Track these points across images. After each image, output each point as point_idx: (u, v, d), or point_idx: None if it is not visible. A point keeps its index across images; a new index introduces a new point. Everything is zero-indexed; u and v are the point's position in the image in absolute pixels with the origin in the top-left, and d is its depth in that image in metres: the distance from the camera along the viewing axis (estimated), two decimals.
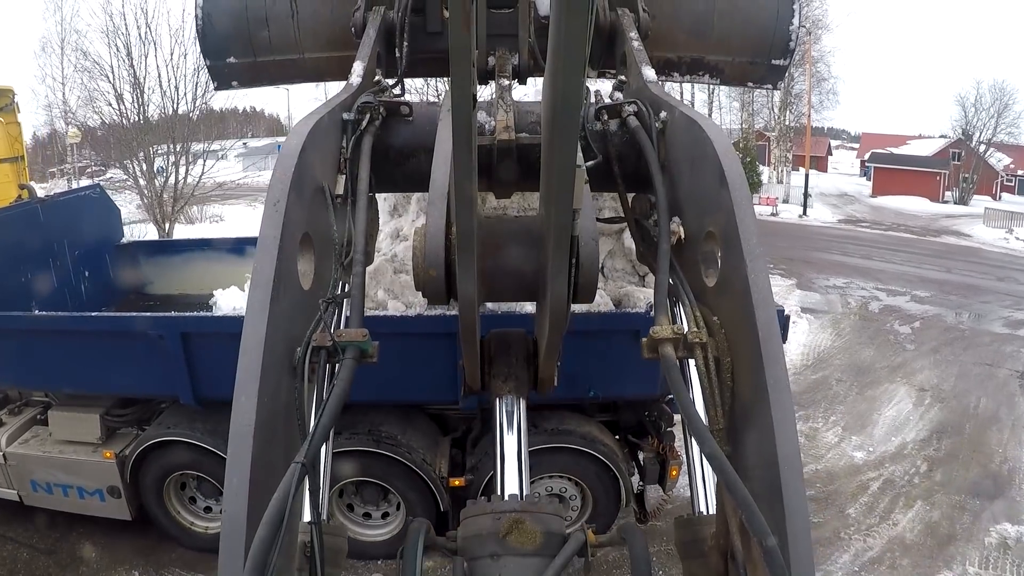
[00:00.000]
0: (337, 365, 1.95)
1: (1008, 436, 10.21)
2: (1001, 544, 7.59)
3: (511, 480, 2.86)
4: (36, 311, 6.74)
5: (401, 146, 2.82)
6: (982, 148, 50.92)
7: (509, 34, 3.45)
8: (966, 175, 50.11)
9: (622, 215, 2.90)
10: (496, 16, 3.42)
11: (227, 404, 1.60)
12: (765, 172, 44.50)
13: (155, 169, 21.75)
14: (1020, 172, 55.19)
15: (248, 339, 1.71)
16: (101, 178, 24.56)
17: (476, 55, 1.65)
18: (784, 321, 5.46)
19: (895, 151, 56.14)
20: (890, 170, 52.19)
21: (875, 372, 12.54)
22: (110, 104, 21.29)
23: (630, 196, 2.81)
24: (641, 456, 6.37)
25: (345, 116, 2.60)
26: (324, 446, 1.99)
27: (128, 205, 23.58)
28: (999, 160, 53.71)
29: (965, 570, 7.16)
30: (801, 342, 13.90)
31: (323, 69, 4.22)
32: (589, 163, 2.58)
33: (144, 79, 21.07)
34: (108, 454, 6.51)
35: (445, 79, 4.61)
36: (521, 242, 2.51)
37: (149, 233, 22.42)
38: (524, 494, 2.82)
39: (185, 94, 21.34)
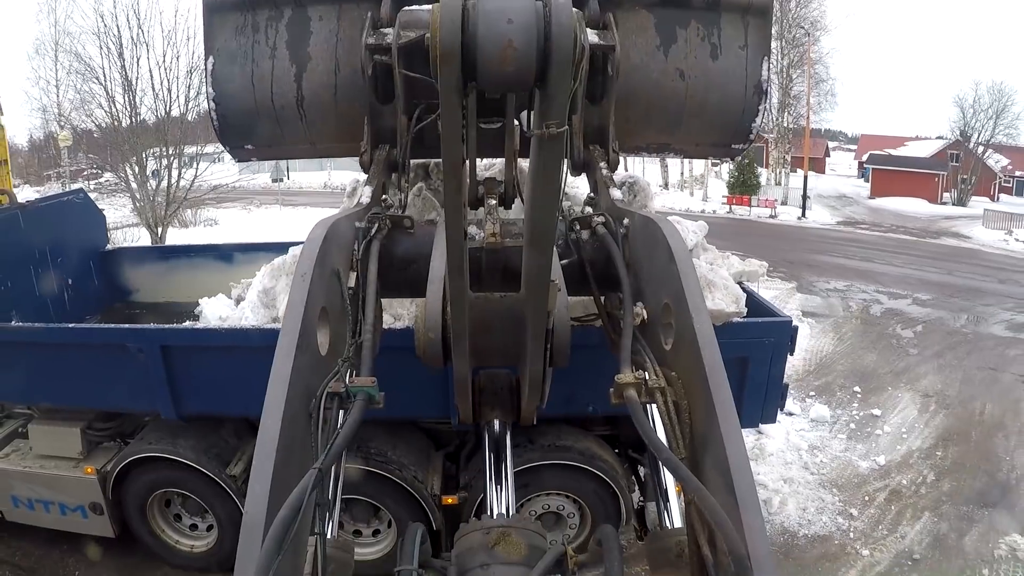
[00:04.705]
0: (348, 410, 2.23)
1: (1015, 443, 10.03)
2: (1011, 556, 7.39)
3: (500, 500, 3.27)
4: (15, 321, 6.50)
5: (403, 255, 3.32)
6: (980, 149, 50.85)
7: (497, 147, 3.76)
8: (964, 176, 50.08)
9: (595, 312, 3.46)
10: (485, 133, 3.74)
11: (211, 420, 1.69)
12: (763, 174, 44.33)
13: (149, 172, 21.50)
14: (1018, 173, 55.34)
15: (276, 372, 1.98)
16: (97, 181, 24.31)
17: (467, 164, 2.16)
18: (793, 332, 5.26)
19: (893, 153, 56.17)
20: (888, 172, 52.27)
21: (879, 378, 12.35)
22: (101, 107, 21.09)
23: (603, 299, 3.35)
24: (642, 471, 6.14)
25: (357, 224, 3.06)
26: (335, 472, 2.39)
27: (122, 209, 23.37)
28: (997, 161, 53.77)
29: None
30: (803, 347, 13.61)
31: (334, 152, 4.70)
32: (564, 261, 3.19)
33: (136, 81, 20.88)
34: (89, 470, 6.27)
35: None
36: (505, 317, 2.88)
37: (142, 237, 22.20)
38: (511, 512, 3.20)
39: (177, 96, 21.16)
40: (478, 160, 4.69)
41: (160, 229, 21.10)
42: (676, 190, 44.31)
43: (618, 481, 5.77)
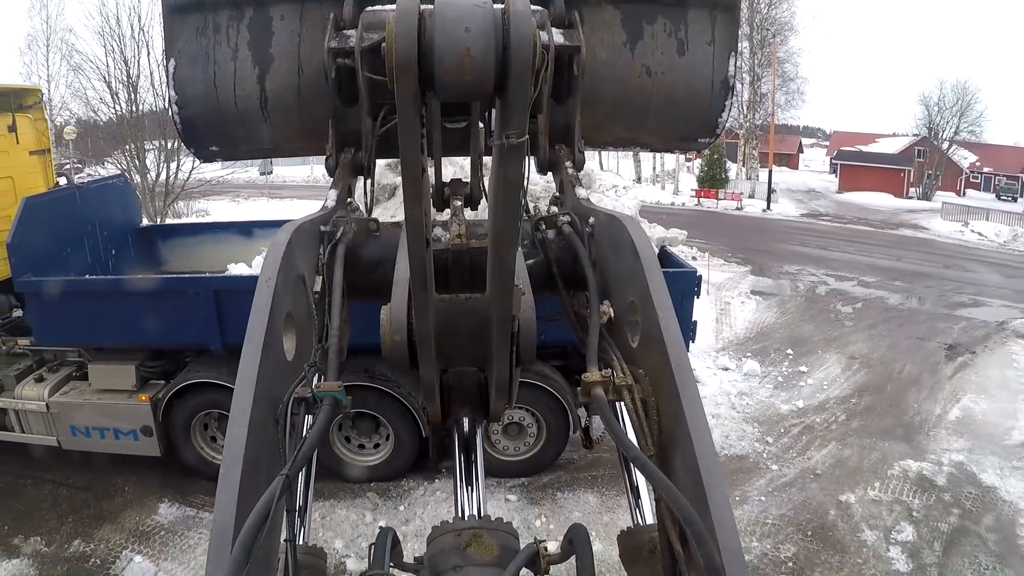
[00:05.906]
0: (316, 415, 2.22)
1: (925, 395, 11.50)
2: (902, 475, 8.82)
3: (471, 501, 3.31)
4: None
5: (368, 258, 3.27)
6: (945, 146, 52.91)
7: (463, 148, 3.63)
8: (930, 172, 51.99)
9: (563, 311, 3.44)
10: (451, 132, 3.54)
11: None
12: (733, 169, 46.07)
13: (147, 164, 22.91)
14: (986, 169, 57.16)
15: (242, 379, 1.98)
16: (79, 176, 25.53)
17: (429, 161, 2.19)
18: (697, 281, 6.86)
19: (864, 149, 57.87)
20: (856, 167, 53.92)
21: (812, 343, 13.89)
22: (103, 102, 22.47)
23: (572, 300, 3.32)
24: None
25: (323, 228, 3.03)
26: (304, 478, 2.47)
27: None
28: (964, 157, 55.75)
29: (866, 493, 8.42)
30: (747, 319, 15.29)
31: (299, 152, 4.67)
32: (530, 261, 3.18)
33: (137, 78, 22.30)
34: (143, 397, 7.73)
35: None
36: (470, 319, 2.86)
37: None
38: (482, 514, 3.17)
39: None
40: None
41: (159, 219, 22.52)
42: (649, 184, 45.98)
43: (566, 398, 7.47)
